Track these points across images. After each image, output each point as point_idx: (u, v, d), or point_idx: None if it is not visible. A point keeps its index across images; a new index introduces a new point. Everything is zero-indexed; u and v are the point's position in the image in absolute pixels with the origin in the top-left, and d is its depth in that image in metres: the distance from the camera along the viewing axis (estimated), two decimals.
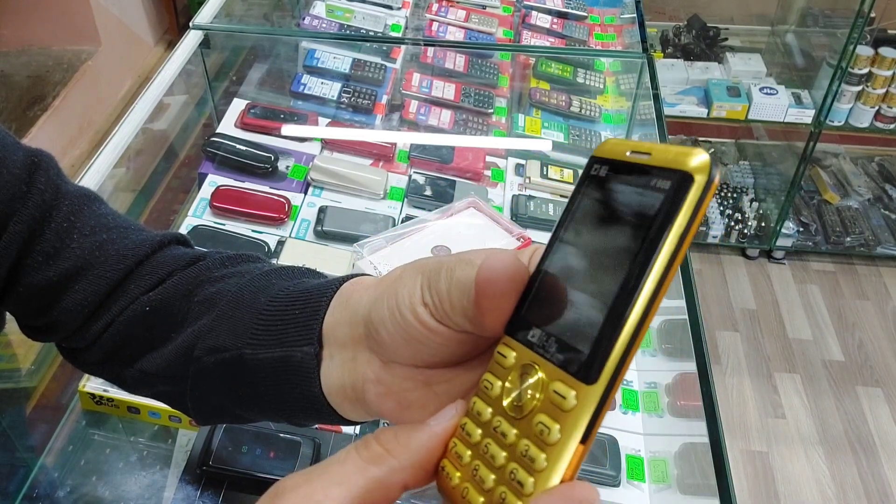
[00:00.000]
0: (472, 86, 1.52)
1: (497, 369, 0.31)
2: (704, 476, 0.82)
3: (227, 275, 0.51)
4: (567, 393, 0.28)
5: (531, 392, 0.29)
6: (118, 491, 0.91)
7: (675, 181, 0.27)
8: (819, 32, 2.73)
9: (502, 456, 0.29)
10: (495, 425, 0.30)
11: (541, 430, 0.28)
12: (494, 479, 0.29)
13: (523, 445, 0.29)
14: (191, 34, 1.42)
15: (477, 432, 0.31)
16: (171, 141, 1.45)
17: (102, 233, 0.54)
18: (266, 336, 0.44)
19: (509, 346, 0.31)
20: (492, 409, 0.31)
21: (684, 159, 0.27)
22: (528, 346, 0.30)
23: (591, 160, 0.31)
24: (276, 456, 0.88)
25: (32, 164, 0.53)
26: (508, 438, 0.29)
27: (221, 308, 0.48)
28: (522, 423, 0.29)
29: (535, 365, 0.29)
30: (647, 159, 0.28)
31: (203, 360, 0.47)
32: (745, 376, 2.30)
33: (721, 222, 2.63)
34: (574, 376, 0.28)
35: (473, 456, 0.31)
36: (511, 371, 0.30)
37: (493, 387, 0.31)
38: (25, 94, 2.56)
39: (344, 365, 0.41)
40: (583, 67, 1.62)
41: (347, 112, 1.44)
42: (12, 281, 0.53)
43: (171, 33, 3.34)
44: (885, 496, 2.02)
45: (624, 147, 0.30)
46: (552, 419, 0.28)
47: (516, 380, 0.30)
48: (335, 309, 0.42)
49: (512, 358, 0.31)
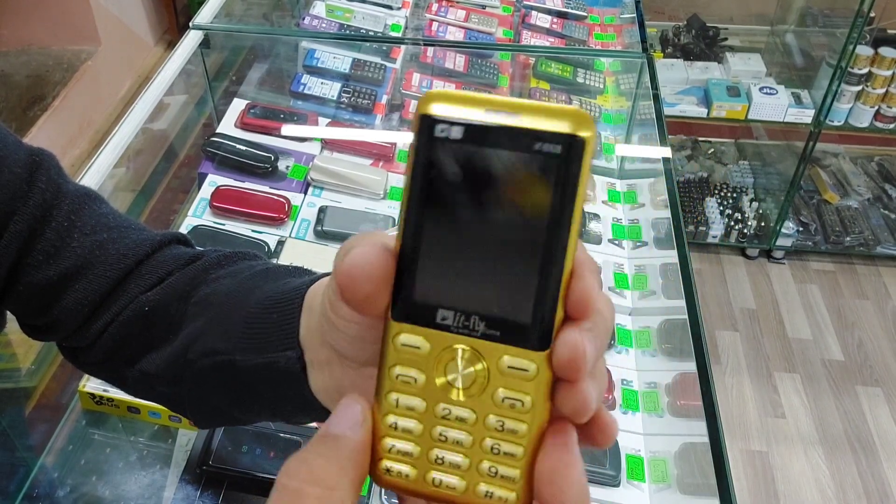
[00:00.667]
0: (472, 86, 1.52)
1: (408, 359, 0.30)
2: (704, 476, 0.82)
3: (223, 275, 0.51)
4: (527, 365, 0.29)
5: (475, 372, 0.29)
6: (118, 490, 0.91)
7: (563, 145, 0.27)
8: (819, 32, 2.73)
9: (469, 438, 0.30)
10: (442, 413, 0.30)
11: (511, 404, 0.29)
12: (469, 460, 0.30)
13: (494, 422, 0.29)
14: (191, 34, 1.42)
15: (418, 426, 0.30)
16: (171, 141, 1.45)
17: (103, 232, 0.54)
18: (253, 341, 0.44)
19: (413, 334, 0.29)
20: (425, 400, 0.30)
21: (571, 121, 0.27)
22: (442, 328, 0.29)
23: (426, 119, 0.28)
24: (276, 456, 0.88)
25: (34, 163, 0.53)
26: (468, 421, 0.30)
27: (213, 311, 0.48)
28: (478, 402, 0.29)
29: (464, 347, 0.29)
30: (519, 121, 0.27)
31: (197, 363, 0.47)
32: (745, 376, 2.30)
33: (721, 222, 2.63)
34: (525, 347, 0.29)
35: (427, 447, 0.30)
36: (429, 358, 0.29)
37: (416, 379, 0.30)
38: (25, 94, 2.55)
39: (323, 371, 0.40)
40: (583, 67, 1.62)
41: (347, 112, 1.44)
42: (12, 280, 0.53)
43: (171, 33, 3.34)
44: (884, 496, 2.02)
45: (468, 101, 0.28)
46: (519, 391, 0.29)
47: (443, 365, 0.29)
48: (304, 315, 0.42)
49: (425, 345, 0.29)
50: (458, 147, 0.28)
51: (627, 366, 1.05)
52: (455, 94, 0.28)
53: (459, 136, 0.28)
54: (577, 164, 0.27)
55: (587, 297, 0.28)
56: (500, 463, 0.30)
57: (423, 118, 0.28)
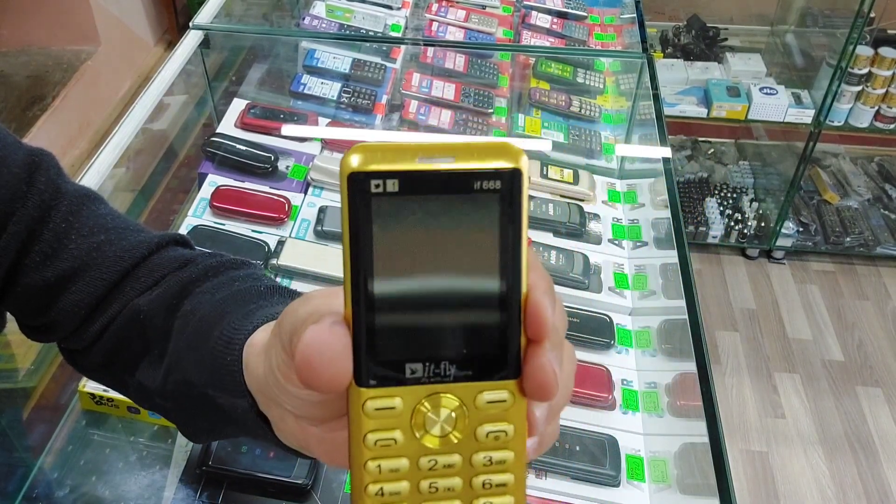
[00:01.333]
0: (471, 86, 1.52)
1: (384, 422, 0.29)
2: (704, 476, 0.82)
3: (206, 290, 0.50)
4: (504, 395, 0.29)
5: (455, 416, 0.29)
6: (118, 491, 0.91)
7: (502, 179, 0.28)
8: (819, 32, 2.73)
9: (459, 481, 0.30)
10: (429, 466, 0.29)
11: (495, 437, 0.29)
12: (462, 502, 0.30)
13: (481, 459, 0.29)
14: (191, 34, 1.42)
15: (405, 486, 0.30)
16: (171, 141, 1.45)
17: (101, 233, 0.54)
18: (217, 380, 0.43)
19: (385, 396, 0.29)
20: (409, 458, 0.29)
21: (504, 154, 0.28)
22: (412, 383, 0.29)
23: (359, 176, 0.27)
24: (275, 456, 0.88)
25: (33, 163, 0.53)
26: (456, 465, 0.30)
27: (190, 332, 0.47)
28: (463, 444, 0.29)
29: (439, 395, 0.29)
30: (454, 162, 0.27)
31: (177, 392, 0.47)
32: (745, 376, 2.30)
33: (721, 222, 2.63)
34: (499, 378, 0.29)
35: (417, 500, 0.30)
36: (405, 416, 0.29)
37: (396, 440, 0.29)
38: (25, 94, 2.55)
39: (278, 426, 0.39)
40: (583, 67, 1.62)
41: (347, 112, 1.44)
42: (11, 281, 0.53)
43: (171, 33, 3.34)
44: (884, 496, 2.02)
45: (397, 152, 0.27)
46: (502, 422, 0.29)
47: (421, 418, 0.29)
48: (245, 371, 0.41)
49: (399, 404, 0.29)
50: (397, 199, 0.27)
51: (627, 366, 1.05)
52: (380, 147, 0.28)
53: (396, 189, 0.27)
54: (518, 195, 0.28)
55: (542, 319, 0.29)
56: (494, 495, 0.30)
57: (355, 176, 0.27)
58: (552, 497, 0.89)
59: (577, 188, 1.29)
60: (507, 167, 0.28)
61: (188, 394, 0.46)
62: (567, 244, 1.20)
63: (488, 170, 0.27)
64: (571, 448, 0.92)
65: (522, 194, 0.28)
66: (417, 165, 0.27)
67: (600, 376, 1.01)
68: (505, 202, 0.28)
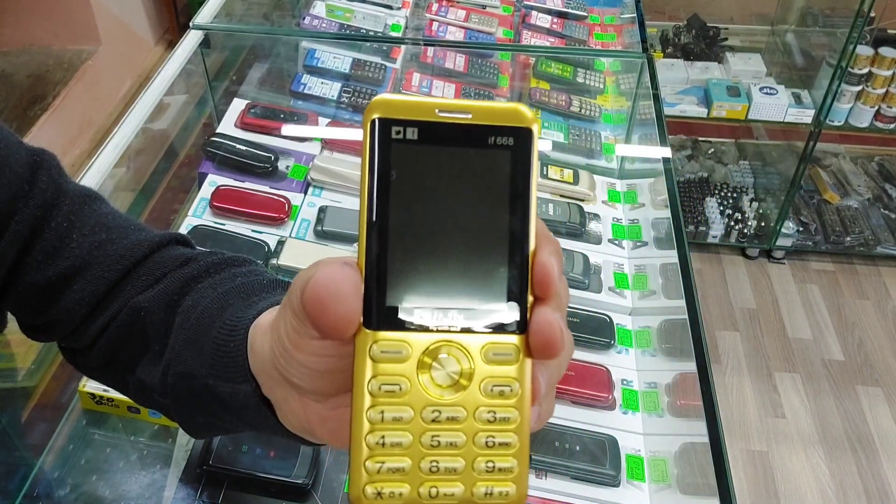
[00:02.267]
0: (472, 86, 1.52)
1: (389, 368, 0.29)
2: (704, 476, 0.82)
3: (207, 286, 0.50)
4: (511, 350, 0.29)
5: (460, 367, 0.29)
6: (118, 490, 0.91)
7: (515, 136, 0.29)
8: (819, 32, 2.73)
9: (462, 437, 0.29)
10: (432, 417, 0.29)
11: (500, 391, 0.29)
12: (465, 461, 0.29)
13: (485, 414, 0.29)
14: (191, 34, 1.42)
15: (407, 437, 0.29)
16: (171, 141, 1.45)
17: (102, 232, 0.54)
18: (218, 368, 0.43)
19: (392, 340, 0.29)
20: (412, 407, 0.29)
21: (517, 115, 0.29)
22: (420, 330, 0.29)
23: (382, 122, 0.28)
24: (276, 455, 0.88)
25: (35, 163, 0.53)
26: (460, 418, 0.29)
27: (191, 326, 0.47)
28: (468, 397, 0.29)
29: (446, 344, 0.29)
30: (471, 119, 0.29)
31: (177, 386, 0.47)
32: (745, 376, 2.30)
33: (721, 222, 2.63)
34: (506, 332, 0.29)
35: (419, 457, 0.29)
36: (410, 362, 0.29)
37: (401, 387, 0.29)
38: (26, 94, 2.55)
39: (281, 408, 0.39)
40: (583, 67, 1.62)
41: (347, 112, 1.44)
42: (12, 280, 0.53)
43: (172, 33, 3.34)
44: (885, 496, 2.02)
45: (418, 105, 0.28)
46: (506, 377, 0.29)
47: (427, 367, 0.29)
48: (250, 356, 0.41)
49: (406, 349, 0.29)
50: (415, 147, 0.28)
51: (627, 366, 1.05)
52: (402, 100, 0.29)
53: (415, 137, 0.28)
54: (528, 153, 0.29)
55: (549, 277, 0.29)
56: (496, 456, 0.29)
57: (378, 122, 0.28)
58: (552, 497, 0.89)
59: (577, 188, 1.29)
60: (520, 125, 0.29)
61: (188, 387, 0.46)
62: (567, 244, 1.20)
63: (502, 126, 0.29)
64: (571, 448, 0.92)
65: (533, 153, 0.29)
66: (436, 117, 0.28)
67: (600, 376, 1.01)
68: (516, 159, 0.29)
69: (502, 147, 0.29)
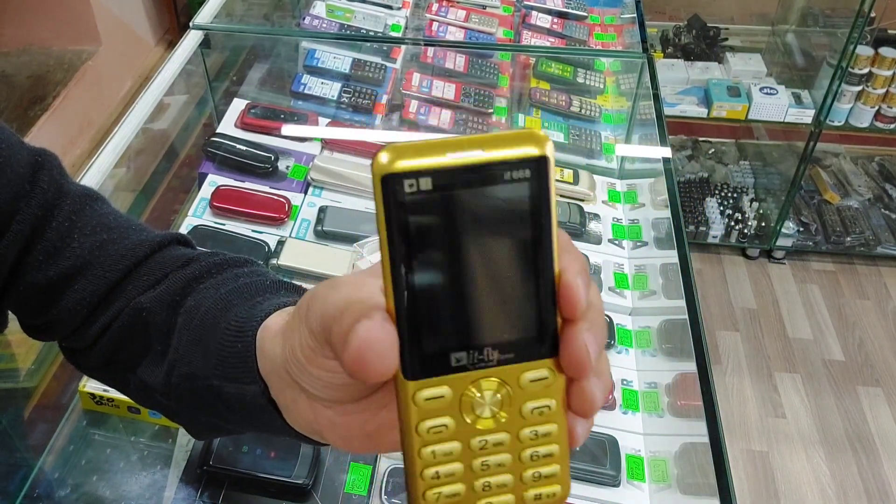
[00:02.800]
0: (472, 86, 1.52)
1: (434, 410, 0.30)
2: (704, 476, 0.82)
3: (209, 286, 0.50)
4: (545, 373, 0.30)
5: (500, 397, 0.31)
6: (119, 491, 0.91)
7: (531, 167, 0.28)
8: (819, 32, 2.73)
9: (509, 457, 0.31)
10: (480, 446, 0.31)
11: (540, 412, 0.31)
12: (513, 475, 0.31)
13: (528, 434, 0.31)
14: (191, 34, 1.42)
15: (459, 467, 0.31)
16: (172, 141, 1.45)
17: (103, 232, 0.54)
18: (225, 369, 0.43)
19: (433, 386, 0.30)
20: (460, 441, 0.31)
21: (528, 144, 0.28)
22: (458, 370, 0.30)
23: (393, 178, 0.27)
24: (276, 456, 0.88)
25: (36, 163, 0.53)
26: (505, 443, 0.31)
27: (195, 326, 0.47)
28: (510, 422, 0.31)
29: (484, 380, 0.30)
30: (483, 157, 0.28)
31: (181, 387, 0.47)
32: (746, 376, 2.30)
33: (721, 222, 2.63)
34: (539, 358, 0.30)
35: (471, 480, 0.31)
36: (453, 402, 0.30)
37: (447, 426, 0.30)
38: (26, 94, 2.55)
39: (290, 410, 0.39)
40: (583, 67, 1.62)
41: (347, 112, 1.44)
42: (13, 280, 0.53)
43: (172, 33, 3.34)
44: (885, 496, 2.02)
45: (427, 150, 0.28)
46: (544, 398, 0.31)
47: (469, 403, 0.30)
48: (259, 357, 0.41)
49: (448, 392, 0.30)
50: (431, 195, 0.28)
51: (627, 366, 1.05)
52: (409, 147, 0.28)
53: (429, 186, 0.28)
54: (546, 180, 0.29)
55: (575, 299, 0.30)
56: (541, 465, 0.32)
57: (389, 177, 0.28)
58: None
59: (577, 188, 1.29)
60: (534, 154, 0.28)
61: (192, 388, 0.46)
62: None
63: (517, 158, 0.28)
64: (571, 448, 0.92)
65: (550, 179, 0.29)
66: (448, 161, 0.28)
67: None
68: (534, 189, 0.29)
69: (518, 180, 0.28)
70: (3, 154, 0.51)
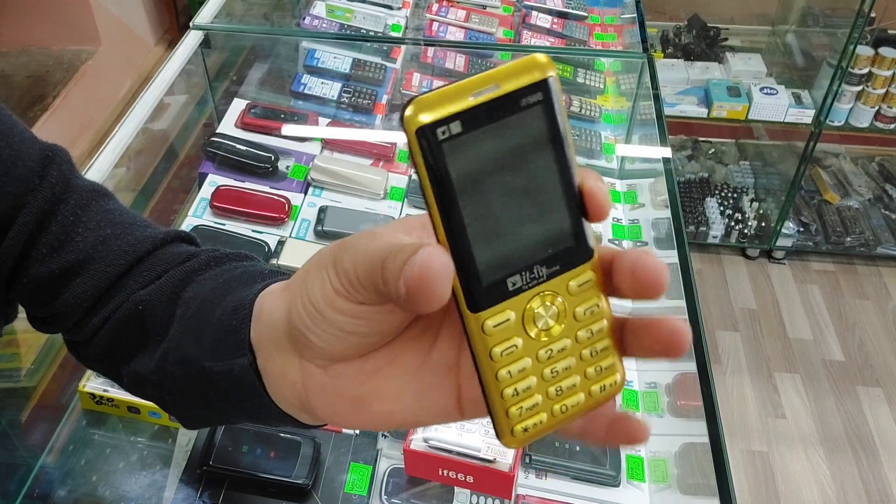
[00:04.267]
0: None
1: (502, 334, 0.33)
2: (704, 476, 0.82)
3: (208, 277, 0.50)
4: (588, 276, 0.34)
5: (556, 308, 0.33)
6: (118, 491, 0.91)
7: (542, 90, 0.31)
8: (819, 32, 2.73)
9: (573, 360, 0.35)
10: (547, 356, 0.34)
11: (591, 312, 0.34)
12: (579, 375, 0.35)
13: (584, 335, 0.34)
14: (191, 34, 1.43)
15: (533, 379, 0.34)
16: (172, 141, 1.45)
17: (107, 228, 0.54)
18: (217, 349, 0.44)
19: (497, 313, 0.32)
20: (530, 356, 0.34)
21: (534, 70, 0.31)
22: (516, 293, 0.33)
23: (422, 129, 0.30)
24: (276, 456, 0.88)
25: (47, 157, 0.54)
26: (568, 348, 0.34)
27: (191, 314, 0.47)
28: (568, 328, 0.34)
29: (539, 295, 0.33)
30: (499, 91, 0.30)
31: (175, 373, 0.47)
32: (746, 376, 2.30)
33: (721, 222, 2.63)
34: (581, 264, 0.33)
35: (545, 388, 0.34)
36: (518, 323, 0.33)
37: (517, 345, 0.33)
38: (26, 94, 2.56)
39: (277, 380, 0.40)
40: (583, 67, 1.62)
41: (347, 112, 1.44)
42: (19, 272, 0.53)
43: (172, 33, 3.34)
44: (885, 496, 2.02)
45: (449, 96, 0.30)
46: (591, 299, 0.34)
47: (531, 319, 0.33)
48: (255, 325, 0.41)
49: (511, 315, 0.33)
50: (462, 137, 0.30)
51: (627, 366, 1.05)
52: (434, 96, 0.30)
53: (460, 129, 0.30)
54: (556, 98, 0.31)
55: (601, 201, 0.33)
56: (600, 360, 0.35)
57: (423, 129, 0.30)
58: (552, 497, 0.89)
59: None
60: (543, 77, 0.31)
61: (185, 374, 0.46)
62: None
63: (529, 84, 0.31)
64: (571, 448, 0.92)
65: (560, 97, 0.31)
66: (470, 103, 0.30)
67: None
68: (548, 108, 0.31)
69: (534, 104, 0.31)
70: (16, 148, 0.52)
